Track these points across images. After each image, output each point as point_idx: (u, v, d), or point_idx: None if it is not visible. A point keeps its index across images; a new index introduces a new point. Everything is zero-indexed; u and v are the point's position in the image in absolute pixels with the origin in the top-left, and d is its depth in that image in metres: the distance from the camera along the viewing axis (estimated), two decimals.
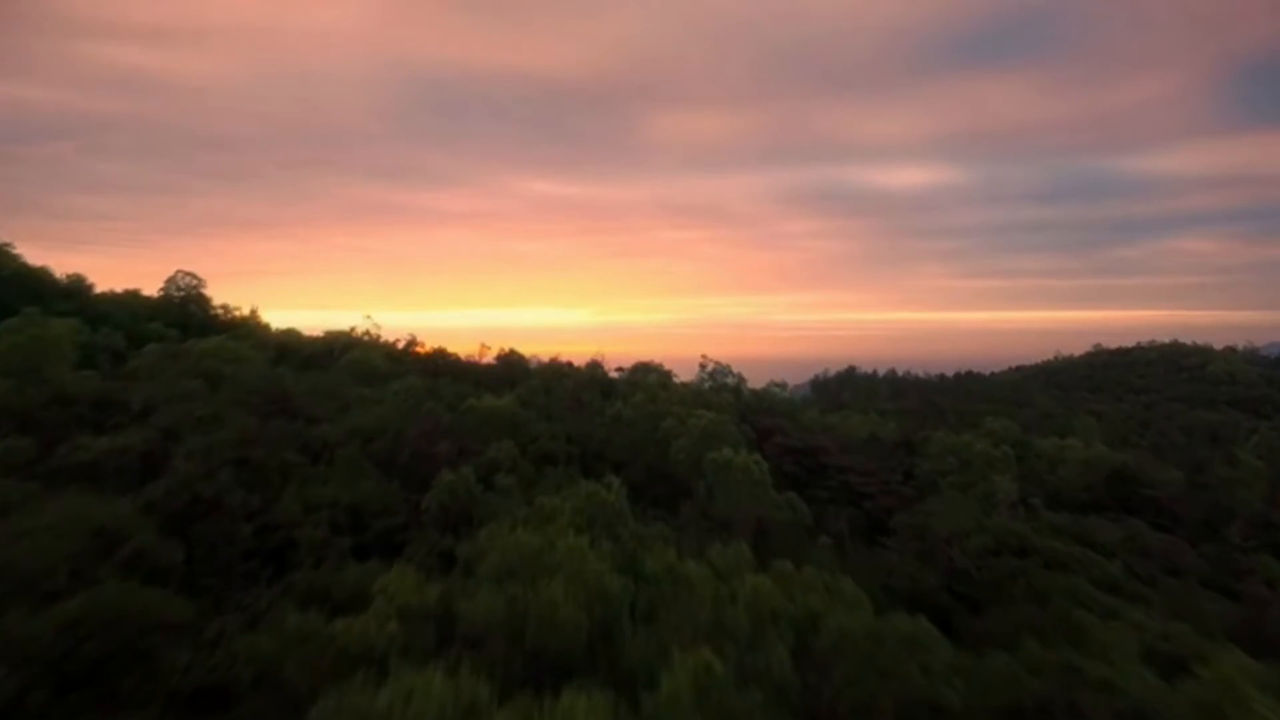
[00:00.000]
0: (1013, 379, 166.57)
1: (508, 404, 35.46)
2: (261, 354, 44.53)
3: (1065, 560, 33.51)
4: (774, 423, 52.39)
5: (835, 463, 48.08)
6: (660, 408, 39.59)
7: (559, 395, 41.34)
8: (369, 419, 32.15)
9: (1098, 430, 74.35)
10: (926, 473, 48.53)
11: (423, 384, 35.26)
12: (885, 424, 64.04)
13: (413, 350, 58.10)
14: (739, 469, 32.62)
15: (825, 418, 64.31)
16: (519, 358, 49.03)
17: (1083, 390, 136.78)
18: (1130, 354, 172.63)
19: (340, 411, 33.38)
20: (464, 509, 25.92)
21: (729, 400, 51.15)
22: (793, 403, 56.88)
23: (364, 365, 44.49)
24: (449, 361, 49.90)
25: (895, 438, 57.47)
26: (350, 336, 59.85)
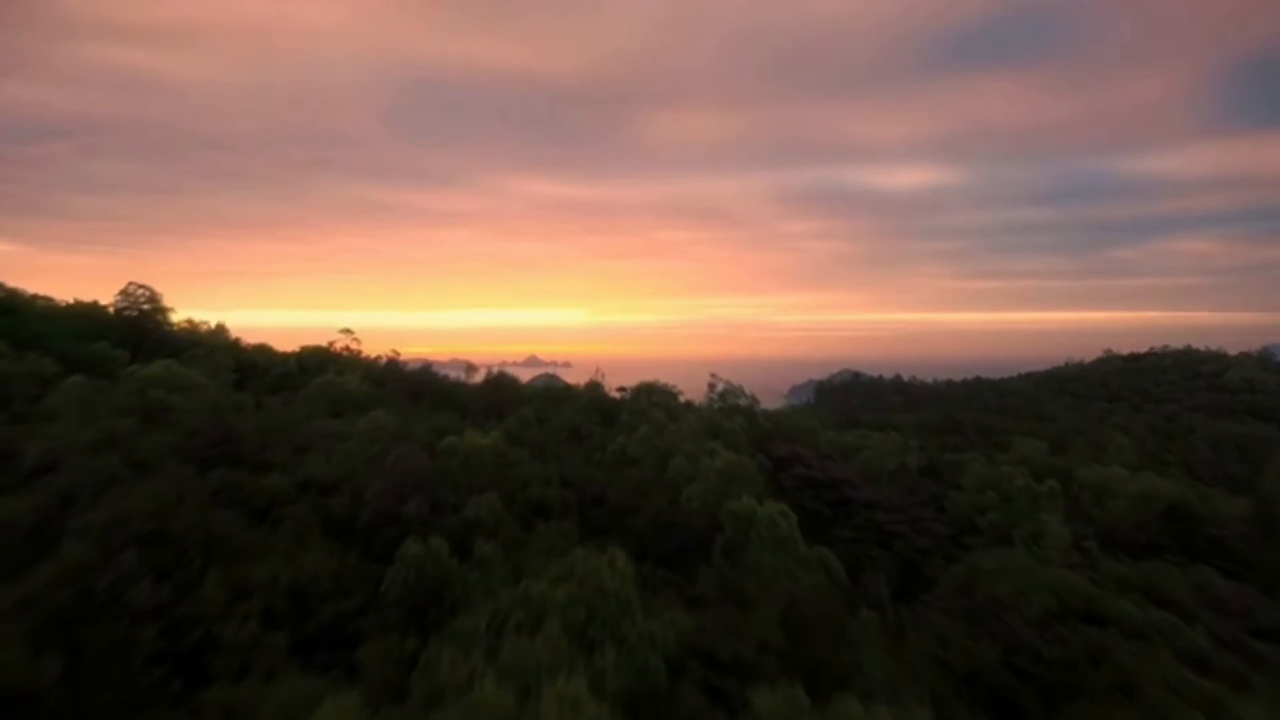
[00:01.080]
0: (1023, 386, 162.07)
1: (494, 442, 30.66)
2: (221, 377, 39.72)
3: (1144, 628, 28.82)
4: (792, 450, 47.61)
5: (861, 497, 43.26)
6: (668, 442, 34.83)
7: (554, 426, 36.59)
8: (329, 465, 27.35)
9: (1131, 450, 69.67)
10: (961, 507, 43.88)
11: (394, 421, 30.38)
12: (907, 446, 59.29)
13: (395, 365, 53.33)
14: (763, 523, 27.87)
15: (842, 438, 59.53)
16: (510, 380, 44.17)
17: (1099, 399, 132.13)
18: (1143, 360, 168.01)
19: (297, 455, 28.56)
20: (434, 589, 21.14)
21: (741, 426, 46.41)
22: (811, 427, 52.12)
23: (336, 390, 39.68)
24: (433, 382, 45.08)
25: (920, 462, 52.76)
26: (328, 352, 55.07)
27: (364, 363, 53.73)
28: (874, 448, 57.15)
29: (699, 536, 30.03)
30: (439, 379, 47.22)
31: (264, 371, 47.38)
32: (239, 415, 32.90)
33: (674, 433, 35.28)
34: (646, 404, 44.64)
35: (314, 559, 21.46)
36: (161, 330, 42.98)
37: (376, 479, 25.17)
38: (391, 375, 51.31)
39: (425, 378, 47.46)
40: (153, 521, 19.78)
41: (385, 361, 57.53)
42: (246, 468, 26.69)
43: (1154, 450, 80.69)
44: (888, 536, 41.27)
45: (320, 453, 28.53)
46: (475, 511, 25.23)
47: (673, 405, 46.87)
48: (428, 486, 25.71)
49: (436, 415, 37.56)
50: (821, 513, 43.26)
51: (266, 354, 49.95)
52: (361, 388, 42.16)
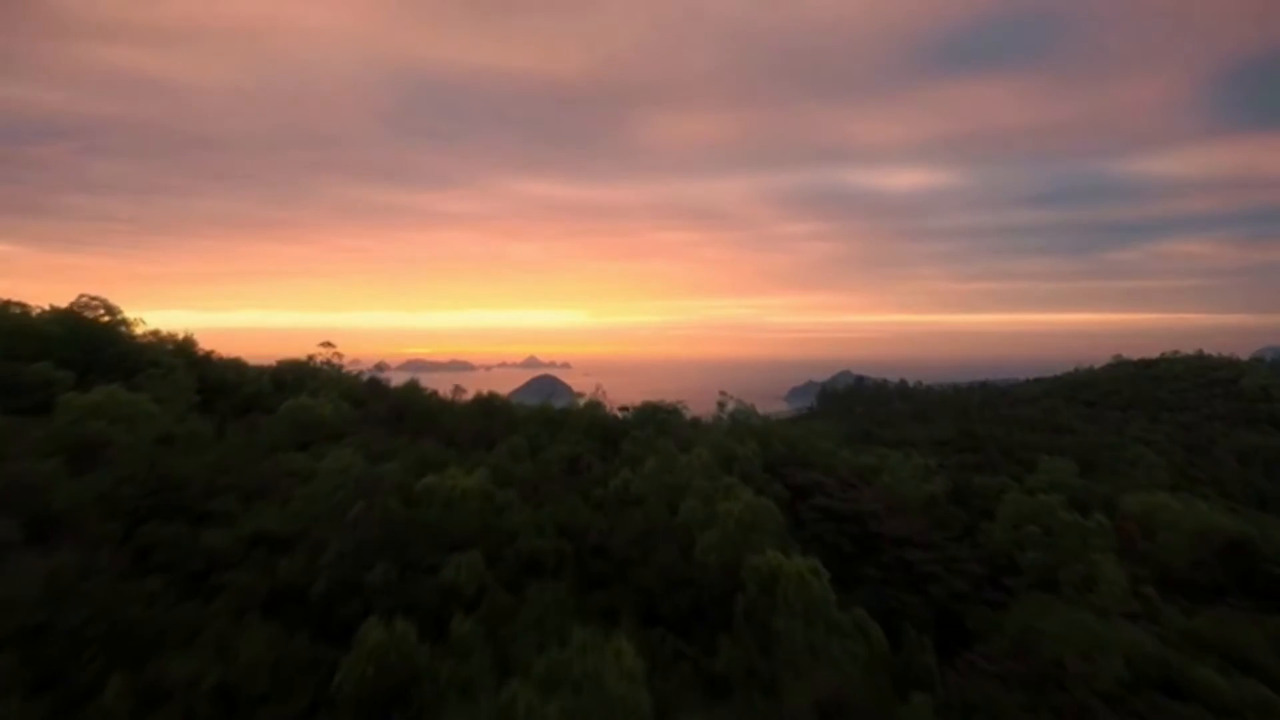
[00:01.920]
0: (1032, 392, 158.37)
1: (479, 482, 26.65)
2: (180, 401, 35.69)
3: (1233, 704, 24.93)
4: (810, 478, 43.66)
5: (889, 532, 39.34)
6: (679, 478, 30.84)
7: (549, 457, 32.56)
8: (283, 516, 23.34)
9: (1163, 468, 65.84)
10: (997, 541, 40.02)
11: (365, 459, 26.25)
12: (928, 466, 55.33)
13: (376, 383, 49.28)
14: (792, 582, 23.88)
15: (859, 458, 55.55)
16: (501, 402, 40.15)
17: (1113, 408, 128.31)
18: (1155, 366, 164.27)
19: (249, 502, 24.55)
20: (399, 686, 17.16)
21: (755, 451, 42.45)
22: (829, 449, 48.20)
23: (307, 415, 35.67)
24: (417, 403, 41.04)
25: (946, 487, 48.78)
26: (307, 365, 51.05)
27: (346, 377, 49.72)
28: (894, 469, 53.22)
29: (716, 595, 26.15)
30: (424, 399, 43.13)
31: (234, 390, 43.36)
32: (190, 450, 28.89)
33: (684, 466, 31.25)
34: (652, 428, 40.67)
35: (251, 646, 17.44)
36: (117, 347, 38.89)
37: (338, 535, 21.15)
38: (374, 393, 47.32)
39: (409, 397, 43.40)
40: (43, 609, 15.85)
41: (368, 377, 53.52)
42: (186, 520, 22.70)
43: (1181, 466, 76.87)
44: (920, 578, 37.29)
45: (277, 496, 24.54)
46: (454, 575, 21.24)
47: (680, 428, 42.89)
48: (397, 544, 21.71)
49: (418, 445, 33.55)
50: (844, 549, 39.28)
51: (238, 370, 45.91)
52: (337, 412, 38.16)
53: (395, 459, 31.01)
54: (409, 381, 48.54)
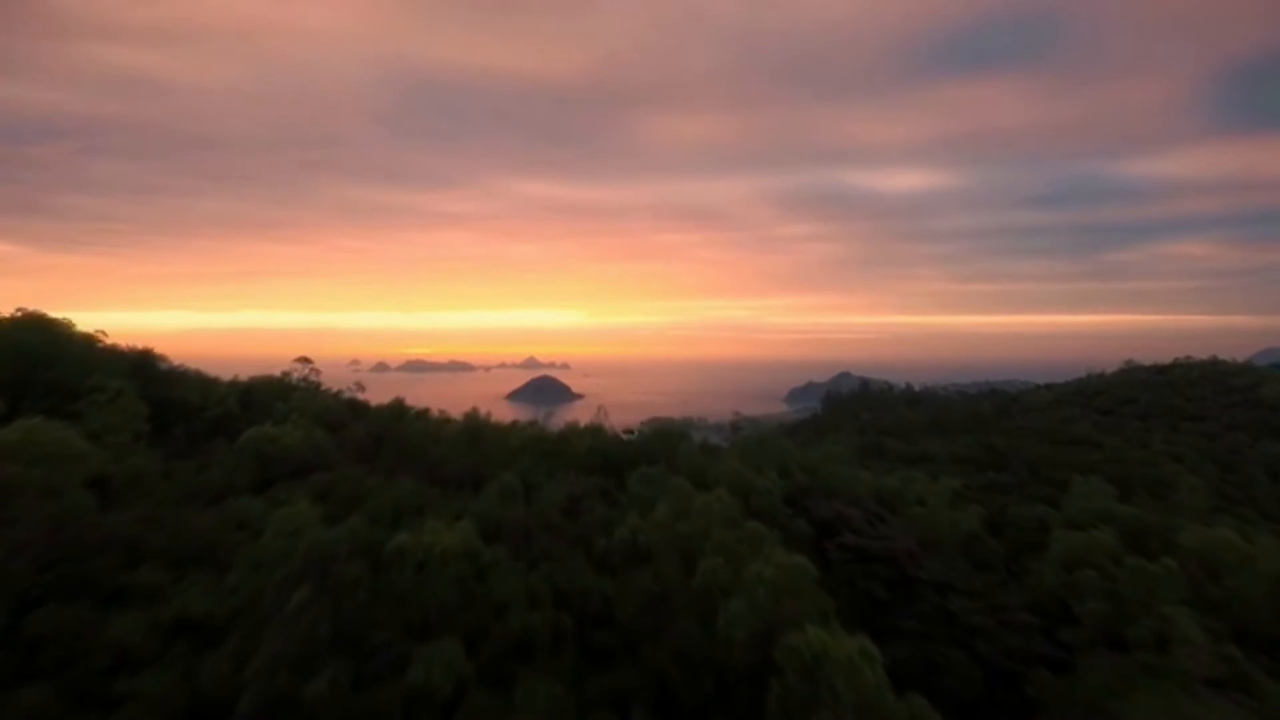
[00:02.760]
0: (1043, 399, 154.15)
1: (462, 540, 22.32)
2: (126, 430, 31.32)
3: None
4: (835, 511, 39.35)
5: (928, 576, 35.03)
6: (695, 525, 26.51)
7: (546, 499, 28.17)
8: (218, 594, 19.01)
9: (1203, 490, 61.44)
10: (1049, 587, 35.79)
11: (320, 522, 21.79)
12: (957, 491, 51.03)
13: (356, 405, 44.94)
14: (840, 668, 19.59)
15: (882, 481, 51.23)
16: (491, 430, 35.65)
17: (1131, 417, 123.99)
18: (1169, 372, 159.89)
19: (179, 570, 20.24)
20: None
21: (775, 484, 38.20)
22: (853, 476, 43.91)
23: (271, 446, 31.33)
24: (397, 432, 36.60)
25: (981, 518, 44.42)
26: (282, 383, 46.70)
27: (323, 397, 45.33)
28: (921, 493, 48.90)
29: (744, 678, 21.93)
30: (405, 426, 38.69)
31: (195, 413, 38.99)
32: (125, 497, 24.57)
33: (702, 512, 26.89)
34: (660, 457, 36.29)
35: None
36: (56, 369, 34.47)
37: (276, 628, 16.81)
38: (354, 414, 42.99)
39: (389, 423, 39.01)
40: None
41: (349, 395, 49.16)
42: (94, 599, 18.42)
43: (1214, 484, 72.64)
44: (965, 632, 32.99)
45: (214, 567, 20.22)
46: (424, 674, 16.95)
47: (691, 454, 38.55)
48: (353, 635, 17.40)
49: (396, 483, 29.21)
50: (877, 595, 34.93)
51: (203, 389, 41.54)
52: (309, 439, 33.82)
53: (366, 504, 26.69)
54: (393, 403, 44.25)
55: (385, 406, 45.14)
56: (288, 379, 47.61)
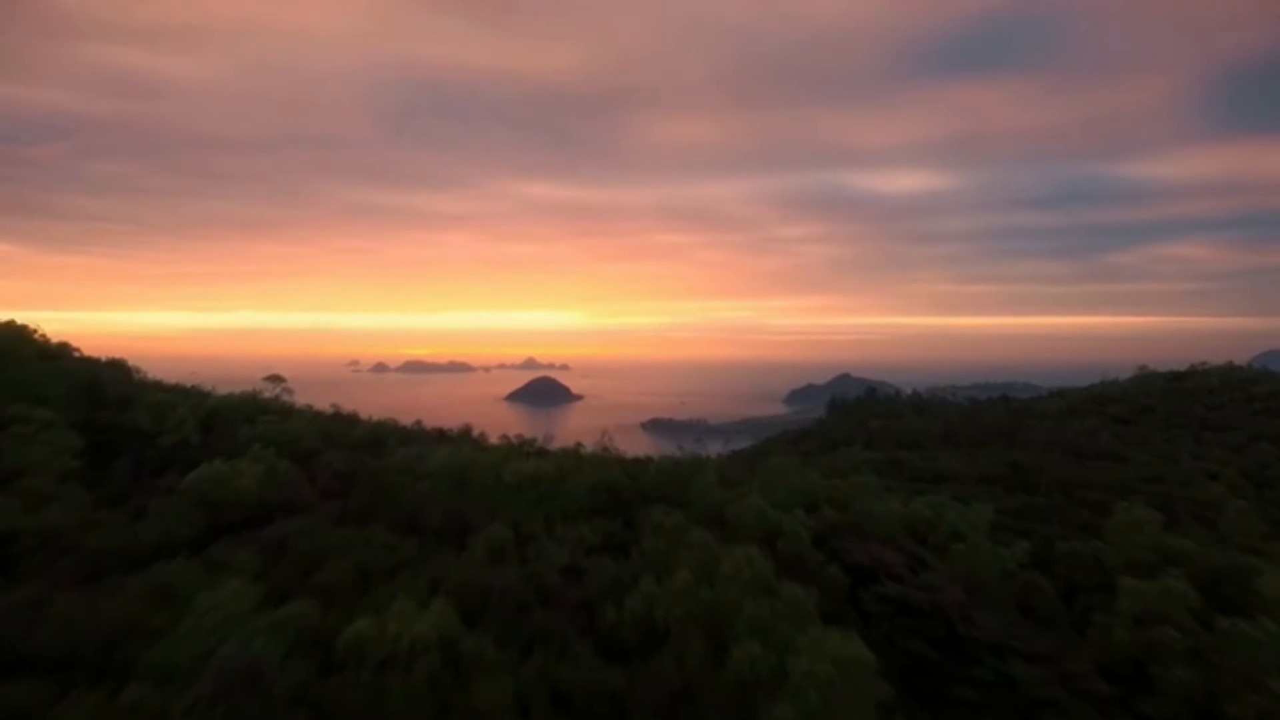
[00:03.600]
0: (1056, 406, 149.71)
1: (437, 625, 17.83)
2: (48, 471, 26.68)
3: None
4: (871, 554, 34.82)
5: (984, 636, 30.51)
6: (724, 594, 22.00)
7: (543, 563, 23.61)
8: (110, 711, 14.44)
9: (1253, 516, 56.98)
10: (1120, 645, 31.29)
11: (251, 608, 17.26)
12: (995, 522, 46.53)
13: (336, 428, 40.32)
14: None
15: (912, 509, 46.68)
16: (479, 469, 30.79)
17: (1150, 427, 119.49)
18: (1186, 379, 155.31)
19: (62, 681, 15.66)
20: None
21: (803, 522, 33.74)
22: (887, 514, 39.41)
23: (222, 490, 26.76)
24: (371, 471, 31.81)
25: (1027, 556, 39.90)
26: (255, 402, 42.16)
27: (299, 419, 40.73)
28: (953, 524, 44.32)
29: None
30: (384, 455, 33.96)
31: (146, 441, 34.46)
32: (25, 565, 20.00)
33: (730, 576, 22.36)
34: (674, 495, 31.84)
35: None
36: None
37: None
38: (330, 439, 38.41)
39: (367, 451, 34.36)
40: None
41: (332, 409, 44.56)
42: None
43: (1256, 506, 68.13)
44: (1030, 704, 28.49)
45: (110, 679, 15.65)
46: None
47: (709, 492, 34.04)
48: None
49: (364, 535, 24.66)
50: (926, 658, 30.45)
51: (157, 412, 36.95)
52: (271, 476, 29.26)
53: (325, 567, 22.16)
54: (374, 427, 39.75)
55: (367, 429, 40.61)
56: (260, 396, 43.11)
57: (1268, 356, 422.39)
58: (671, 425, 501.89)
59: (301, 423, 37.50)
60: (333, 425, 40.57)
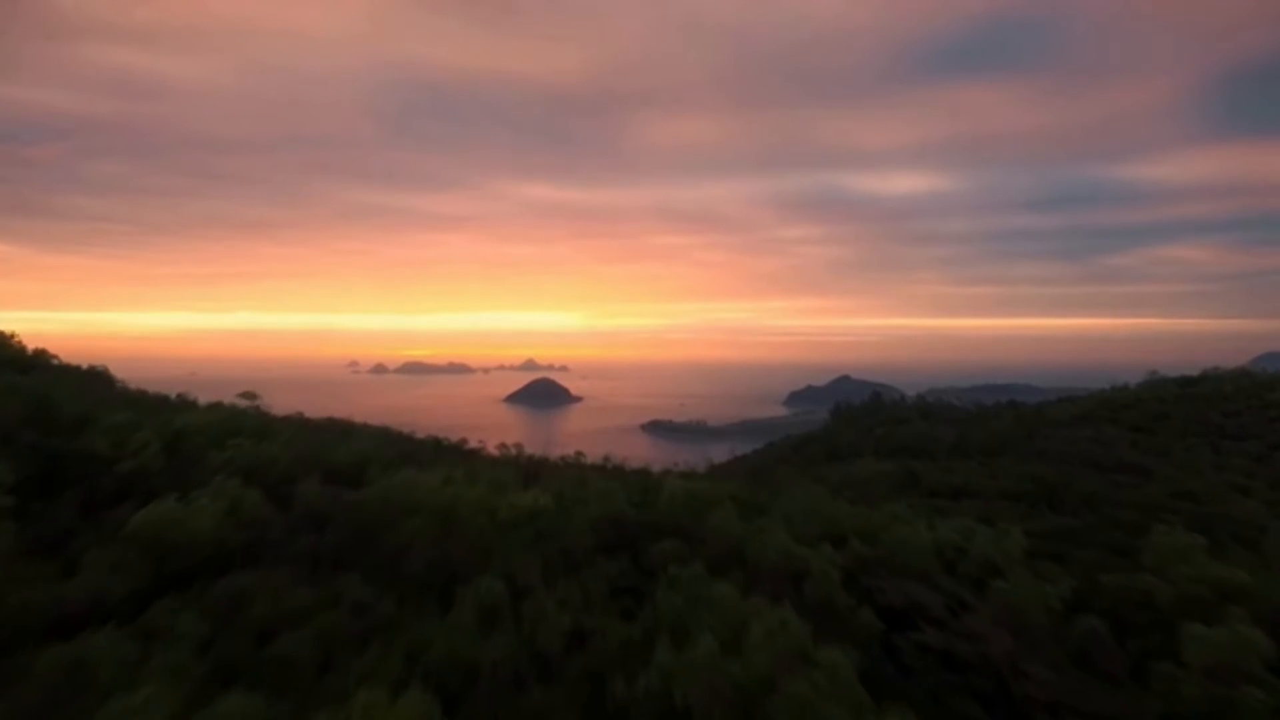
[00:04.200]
0: (1067, 412, 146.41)
1: (412, 718, 14.47)
2: None
3: None
4: (906, 594, 31.45)
5: (1039, 694, 27.11)
6: (754, 667, 18.63)
7: (542, 632, 20.14)
8: None
9: None
10: (1191, 700, 28.00)
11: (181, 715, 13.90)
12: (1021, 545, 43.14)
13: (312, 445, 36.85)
14: None
15: (939, 533, 43.30)
16: (470, 506, 27.10)
17: (1169, 437, 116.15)
18: (1199, 384, 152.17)
19: None
20: None
21: (831, 558, 30.40)
22: (922, 546, 36.09)
23: (175, 534, 23.35)
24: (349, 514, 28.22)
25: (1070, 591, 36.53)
26: (228, 422, 38.69)
27: (274, 442, 37.26)
28: (985, 551, 40.93)
29: None
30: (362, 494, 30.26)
31: (102, 467, 31.07)
32: None
33: (760, 646, 18.98)
34: (687, 530, 28.46)
35: None
36: None
37: None
38: (306, 465, 34.97)
39: (341, 491, 30.71)
40: None
41: (310, 432, 41.08)
42: None
43: None
44: None
45: None
46: None
47: (728, 526, 30.64)
48: None
49: (334, 591, 21.27)
50: (972, 716, 27.17)
51: (117, 434, 33.52)
52: (234, 513, 25.83)
53: (280, 638, 18.72)
54: (359, 451, 36.33)
55: (351, 453, 37.20)
56: (236, 411, 39.74)
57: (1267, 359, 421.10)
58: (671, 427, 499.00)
59: (277, 446, 34.05)
60: (312, 447, 37.14)
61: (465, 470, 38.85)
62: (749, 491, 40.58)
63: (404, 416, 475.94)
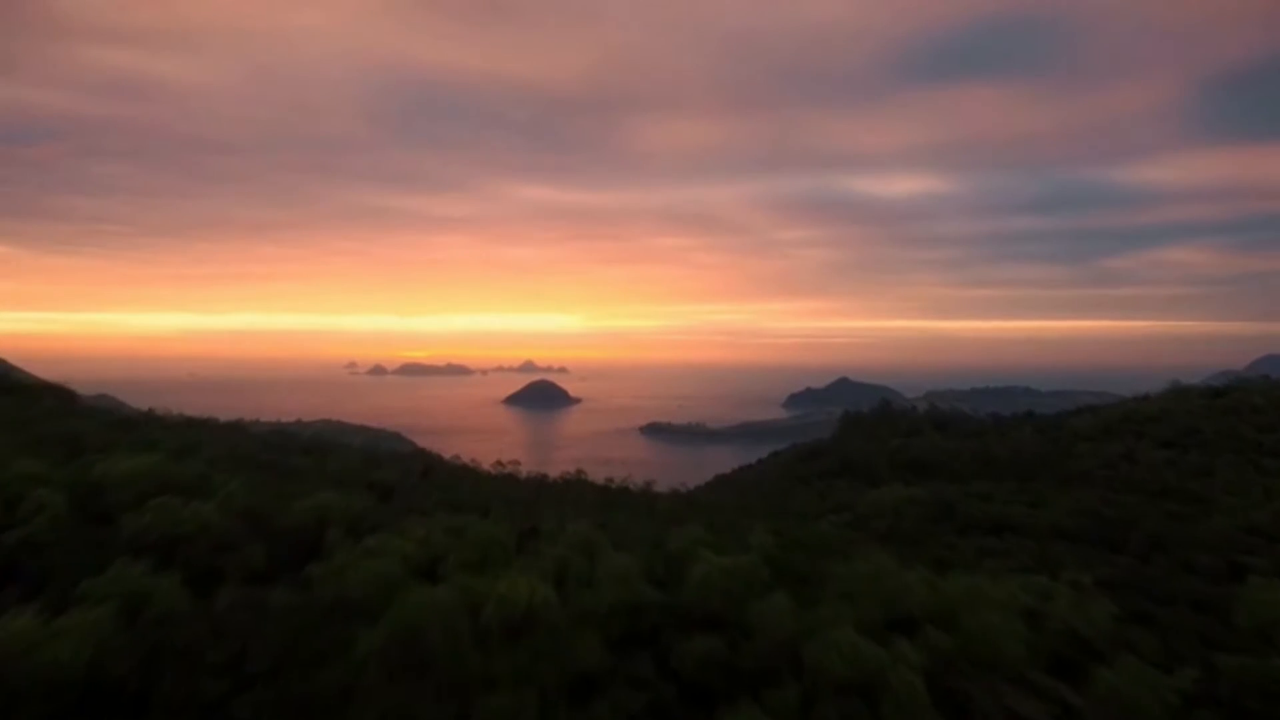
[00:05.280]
0: (1089, 425, 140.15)
1: None
2: None
3: None
4: (1004, 703, 24.90)
5: None
6: None
7: None
8: None
9: None
10: None
11: None
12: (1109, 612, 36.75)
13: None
14: None
15: (1006, 590, 36.81)
16: (446, 619, 20.48)
17: (1206, 453, 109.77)
18: (1226, 396, 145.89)
19: None
20: None
21: (910, 665, 23.75)
22: (1010, 630, 29.31)
23: (33, 659, 16.79)
24: (300, 604, 21.62)
25: (1193, 685, 30.15)
26: (164, 469, 31.97)
27: (225, 489, 30.57)
28: (1065, 617, 34.32)
29: None
30: (303, 596, 23.38)
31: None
32: None
33: None
34: (728, 621, 21.87)
35: None
36: None
37: None
38: (256, 523, 28.32)
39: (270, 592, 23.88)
40: None
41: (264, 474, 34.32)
42: None
43: None
44: None
45: None
46: None
47: (779, 619, 24.09)
48: None
49: None
50: None
51: (9, 491, 26.94)
52: (104, 650, 19.10)
53: None
54: (319, 504, 29.72)
55: (308, 508, 30.56)
56: (190, 440, 33.05)
57: (1266, 362, 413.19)
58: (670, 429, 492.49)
59: (212, 505, 27.37)
60: (261, 499, 30.52)
61: (448, 527, 32.40)
62: (788, 543, 34.14)
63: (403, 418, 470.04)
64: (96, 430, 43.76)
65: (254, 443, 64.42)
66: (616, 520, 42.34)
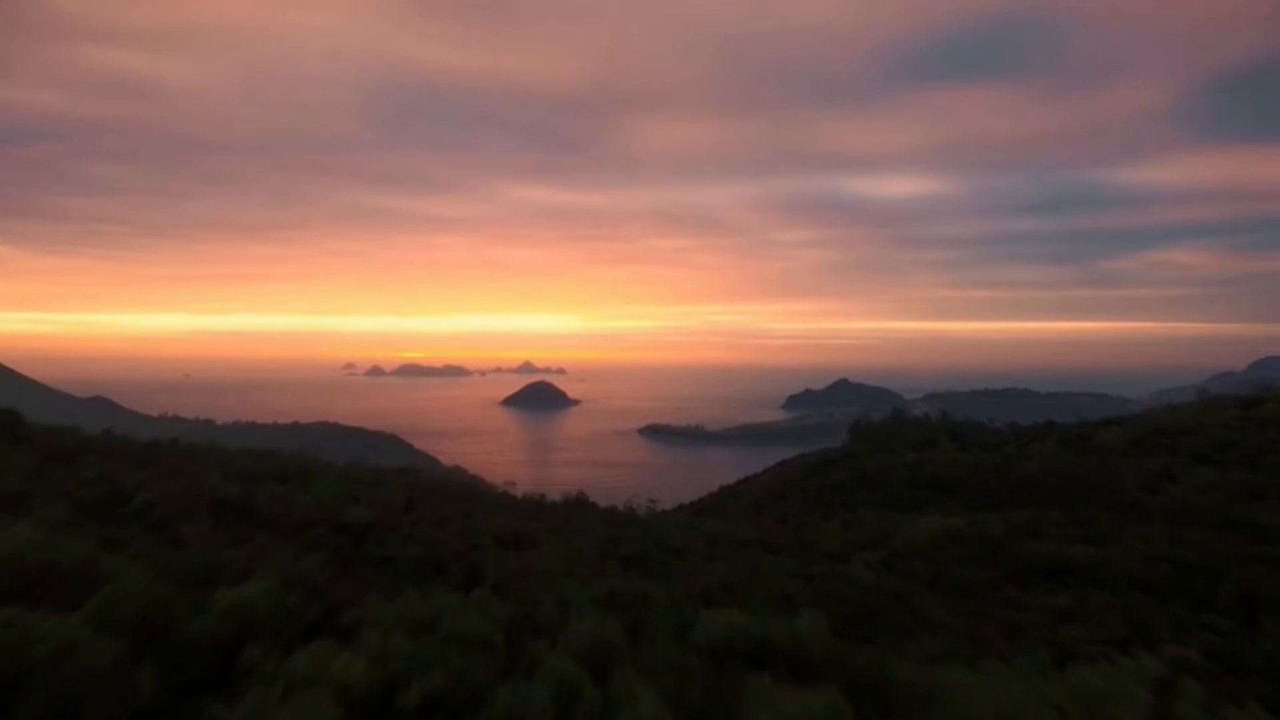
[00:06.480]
0: (1120, 438, 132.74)
1: None
2: None
3: None
4: None
5: None
6: None
7: None
8: None
9: None
10: None
11: None
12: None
13: None
14: None
15: (1123, 687, 29.67)
16: None
17: (1249, 472, 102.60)
18: (1259, 406, 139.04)
19: None
20: None
21: None
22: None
23: None
24: None
25: None
26: (77, 541, 24.36)
27: (151, 556, 23.15)
28: None
29: None
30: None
31: None
32: None
33: None
34: None
35: None
36: None
37: None
38: (157, 606, 20.68)
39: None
40: None
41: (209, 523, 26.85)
42: None
43: None
44: None
45: None
46: None
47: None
48: None
49: None
50: None
51: None
52: None
53: None
54: (236, 626, 21.87)
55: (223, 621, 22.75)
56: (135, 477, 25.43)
57: (1265, 364, 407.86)
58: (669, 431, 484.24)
59: (80, 620, 19.32)
60: (161, 598, 22.57)
61: (414, 621, 24.28)
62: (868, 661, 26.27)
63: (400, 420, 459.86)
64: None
65: (216, 474, 56.01)
66: (629, 589, 34.71)
